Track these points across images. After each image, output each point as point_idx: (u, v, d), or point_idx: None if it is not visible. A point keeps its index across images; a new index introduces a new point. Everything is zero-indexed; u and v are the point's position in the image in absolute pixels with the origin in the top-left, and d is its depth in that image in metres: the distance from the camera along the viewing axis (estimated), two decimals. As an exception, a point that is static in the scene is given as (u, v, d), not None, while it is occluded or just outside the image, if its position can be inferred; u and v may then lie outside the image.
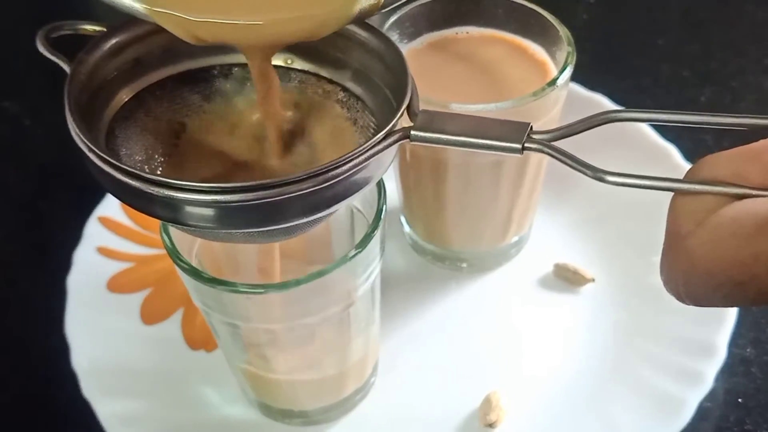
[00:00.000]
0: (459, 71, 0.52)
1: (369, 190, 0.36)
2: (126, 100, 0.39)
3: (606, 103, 0.64)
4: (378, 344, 0.52)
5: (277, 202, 0.32)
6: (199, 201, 0.32)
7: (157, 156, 0.39)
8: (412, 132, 0.34)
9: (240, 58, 0.40)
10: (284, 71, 0.41)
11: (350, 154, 0.33)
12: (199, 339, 0.55)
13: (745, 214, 0.25)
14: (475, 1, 0.53)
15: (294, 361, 0.47)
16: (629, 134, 0.61)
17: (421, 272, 0.60)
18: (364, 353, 0.50)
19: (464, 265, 0.60)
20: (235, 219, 0.33)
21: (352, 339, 0.47)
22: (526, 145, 0.33)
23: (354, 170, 0.33)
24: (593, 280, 0.57)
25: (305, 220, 0.34)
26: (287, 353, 0.46)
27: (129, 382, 0.52)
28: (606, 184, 0.30)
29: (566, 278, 0.58)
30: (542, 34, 0.52)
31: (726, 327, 0.52)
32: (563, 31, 0.51)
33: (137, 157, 0.39)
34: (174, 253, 0.42)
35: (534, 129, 0.33)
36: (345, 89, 0.41)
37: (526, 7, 0.52)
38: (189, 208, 0.33)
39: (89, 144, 0.33)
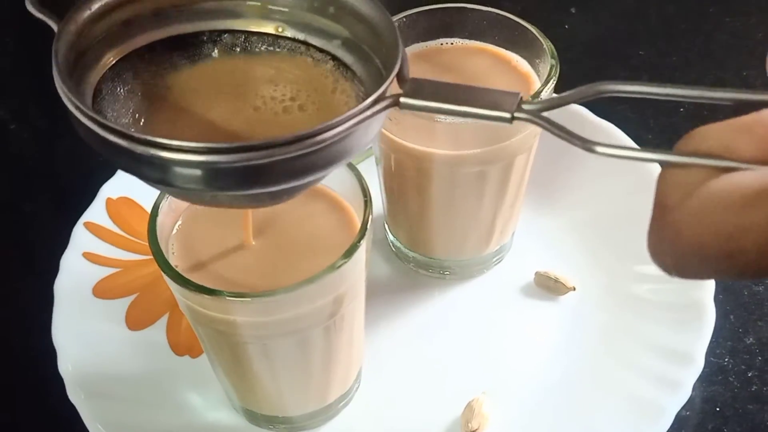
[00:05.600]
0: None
1: (358, 151, 0.35)
2: (114, 62, 0.38)
3: (588, 115, 0.64)
4: (362, 351, 0.53)
5: (263, 164, 0.32)
6: (185, 161, 0.32)
7: (143, 120, 0.39)
8: (402, 99, 0.34)
9: (230, 24, 0.40)
10: (274, 39, 0.41)
11: (339, 119, 0.32)
12: (184, 345, 0.56)
13: (734, 186, 0.25)
14: (460, 13, 0.54)
15: (279, 368, 0.47)
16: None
17: (405, 279, 0.60)
18: (349, 360, 0.50)
19: (447, 272, 0.60)
20: (221, 180, 0.32)
21: (337, 346, 0.47)
22: (516, 114, 0.33)
23: (342, 135, 0.32)
24: (574, 288, 0.58)
25: (291, 184, 0.34)
26: (273, 360, 0.46)
27: (114, 386, 0.53)
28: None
29: (547, 287, 0.58)
30: (526, 47, 0.53)
31: (704, 336, 0.53)
32: (547, 45, 0.51)
33: (123, 120, 0.38)
34: (162, 260, 0.42)
35: (523, 101, 0.33)
36: (335, 58, 0.40)
37: (511, 19, 0.53)
38: (175, 168, 0.32)
39: (76, 102, 0.33)
